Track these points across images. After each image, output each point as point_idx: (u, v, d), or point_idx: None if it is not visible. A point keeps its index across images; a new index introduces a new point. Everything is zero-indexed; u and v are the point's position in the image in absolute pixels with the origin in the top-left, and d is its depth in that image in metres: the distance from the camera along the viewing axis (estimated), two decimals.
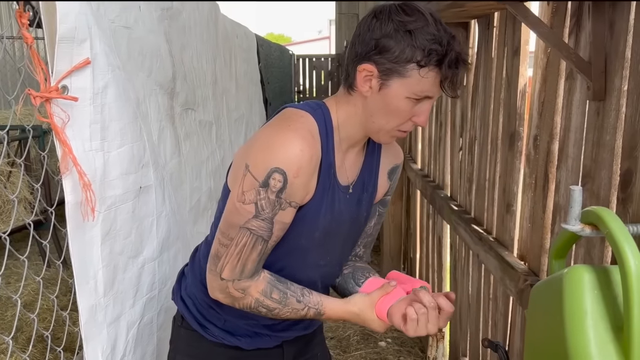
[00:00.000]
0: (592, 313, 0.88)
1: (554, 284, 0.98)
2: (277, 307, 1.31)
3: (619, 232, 0.86)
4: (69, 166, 1.30)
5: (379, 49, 1.19)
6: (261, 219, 1.22)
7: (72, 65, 1.29)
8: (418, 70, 1.17)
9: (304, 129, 1.24)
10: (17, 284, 4.31)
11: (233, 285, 1.27)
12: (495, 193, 2.24)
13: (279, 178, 1.19)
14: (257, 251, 1.25)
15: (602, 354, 0.84)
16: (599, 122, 1.43)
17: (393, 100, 1.21)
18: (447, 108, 2.98)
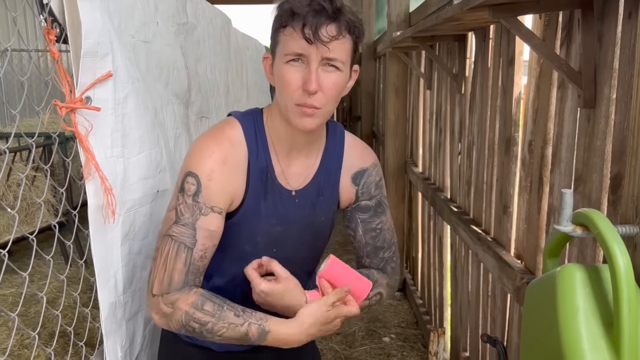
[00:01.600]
0: (584, 309, 0.88)
1: (548, 282, 0.99)
2: (210, 320, 1.17)
3: (608, 232, 0.87)
4: (91, 171, 1.32)
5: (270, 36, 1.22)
6: (181, 224, 1.19)
7: (95, 77, 1.31)
8: (282, 32, 1.16)
9: (222, 135, 1.25)
10: (40, 282, 4.33)
11: (163, 300, 1.18)
12: (492, 195, 2.25)
13: (192, 181, 1.19)
14: (182, 260, 1.18)
15: (593, 348, 0.85)
16: (590, 129, 1.44)
17: (277, 70, 1.19)
18: (447, 115, 2.99)
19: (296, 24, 1.13)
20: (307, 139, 1.30)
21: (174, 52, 2.01)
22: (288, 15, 1.14)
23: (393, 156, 4.24)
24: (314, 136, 1.31)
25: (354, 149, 1.40)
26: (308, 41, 1.12)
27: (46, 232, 4.18)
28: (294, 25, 1.13)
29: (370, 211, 1.41)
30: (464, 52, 2.62)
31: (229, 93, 3.10)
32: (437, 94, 3.22)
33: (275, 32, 1.19)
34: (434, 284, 3.46)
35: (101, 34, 1.31)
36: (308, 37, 1.12)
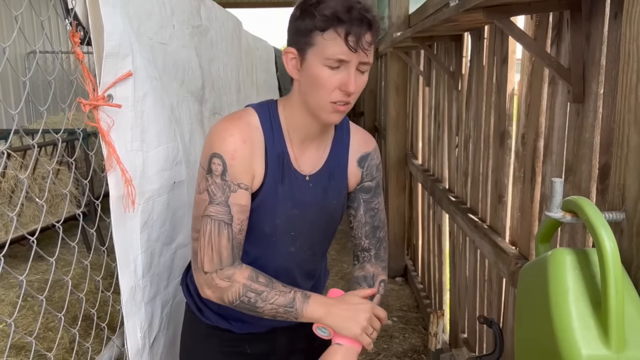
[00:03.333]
0: (574, 290, 0.89)
1: (539, 265, 0.99)
2: (265, 289, 1.22)
3: (595, 218, 0.87)
4: (113, 164, 1.33)
5: (292, 32, 1.21)
6: (216, 203, 1.20)
7: (117, 77, 1.32)
8: (321, 35, 1.15)
9: (240, 119, 1.26)
10: (63, 269, 4.36)
11: (217, 275, 1.22)
12: (488, 185, 2.25)
13: (218, 162, 1.20)
14: (225, 236, 1.21)
15: (583, 327, 0.85)
16: (579, 122, 1.45)
17: (312, 70, 1.18)
18: (445, 110, 2.99)
19: (340, 31, 1.14)
20: (322, 129, 1.32)
21: (189, 53, 2.02)
22: (331, 20, 1.14)
23: (394, 149, 4.24)
24: (327, 127, 1.33)
25: (358, 135, 1.43)
26: (352, 50, 1.14)
27: (69, 222, 4.21)
28: (338, 32, 1.14)
29: (371, 192, 1.45)
30: (461, 51, 2.62)
31: (240, 91, 3.11)
32: (436, 90, 3.22)
33: (308, 32, 1.17)
34: (433, 270, 3.48)
35: (122, 37, 1.33)
36: (352, 45, 1.14)
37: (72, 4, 1.22)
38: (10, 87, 6.75)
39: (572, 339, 0.84)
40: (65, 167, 4.69)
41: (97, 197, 1.43)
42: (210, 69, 2.36)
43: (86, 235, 4.39)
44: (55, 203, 4.79)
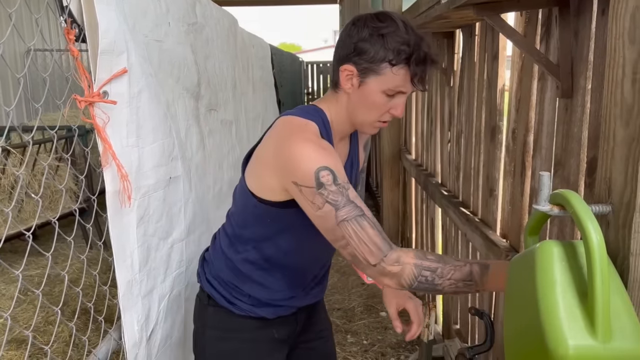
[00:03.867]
0: (561, 281, 0.88)
1: (528, 257, 0.99)
2: (438, 265, 1.17)
3: (582, 211, 0.87)
4: (109, 160, 1.33)
5: (357, 52, 1.23)
6: (342, 206, 1.17)
7: (112, 73, 1.32)
8: (390, 69, 1.20)
9: (314, 134, 1.26)
10: (63, 264, 4.36)
11: (385, 263, 1.17)
12: (479, 179, 2.26)
13: (326, 173, 1.18)
14: (368, 226, 1.18)
15: (569, 318, 0.85)
16: (568, 117, 1.45)
17: (371, 95, 1.24)
18: (437, 106, 2.99)
19: (410, 70, 1.21)
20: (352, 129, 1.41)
21: (184, 50, 2.01)
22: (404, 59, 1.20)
23: (388, 145, 4.24)
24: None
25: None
26: (414, 87, 1.24)
27: (69, 217, 4.20)
28: (408, 69, 1.21)
29: (364, 170, 1.58)
30: (452, 48, 2.62)
31: (236, 87, 3.10)
32: (428, 86, 3.22)
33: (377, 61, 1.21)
34: None
35: (117, 34, 1.32)
36: (417, 85, 1.23)
37: (66, 1, 1.21)
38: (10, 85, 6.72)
39: (559, 329, 0.83)
40: (64, 163, 4.68)
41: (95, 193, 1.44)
42: (206, 65, 2.35)
43: (85, 231, 4.39)
44: (55, 199, 4.78)
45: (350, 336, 3.27)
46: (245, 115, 3.41)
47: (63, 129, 4.48)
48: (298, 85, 10.24)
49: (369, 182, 6.99)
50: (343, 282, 4.07)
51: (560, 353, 0.82)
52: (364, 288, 3.96)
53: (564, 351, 0.82)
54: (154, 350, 1.58)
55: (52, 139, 4.31)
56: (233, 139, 2.93)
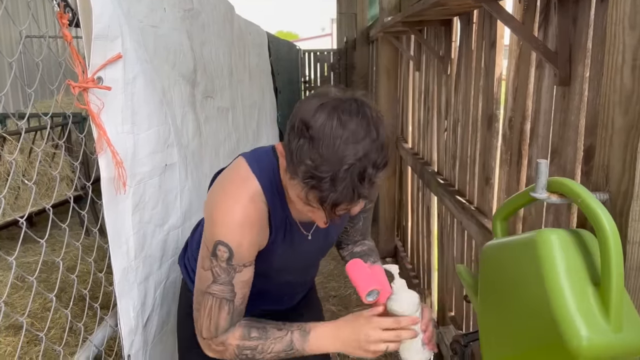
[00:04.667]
0: (567, 271, 0.86)
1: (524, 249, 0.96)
2: (258, 343, 1.19)
3: (591, 200, 0.84)
4: (103, 146, 1.31)
5: (293, 154, 1.00)
6: (219, 283, 1.15)
7: (106, 59, 1.30)
8: (313, 191, 0.99)
9: (242, 194, 1.15)
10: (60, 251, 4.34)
11: (213, 342, 1.20)
12: (475, 168, 2.25)
13: (223, 250, 1.13)
14: (225, 311, 1.18)
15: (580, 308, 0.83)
16: (565, 105, 1.43)
17: (292, 191, 1.07)
18: (434, 94, 2.97)
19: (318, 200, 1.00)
20: None
21: (180, 36, 1.99)
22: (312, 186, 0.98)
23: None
24: None
25: None
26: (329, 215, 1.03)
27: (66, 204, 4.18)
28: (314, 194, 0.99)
29: (370, 209, 1.45)
30: (450, 35, 2.59)
31: (232, 74, 3.08)
32: (425, 75, 3.20)
33: (294, 168, 1.00)
34: (422, 251, 3.48)
35: (111, 18, 1.30)
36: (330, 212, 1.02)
37: None
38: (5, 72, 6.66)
39: (571, 320, 0.81)
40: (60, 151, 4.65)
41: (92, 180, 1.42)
42: (202, 52, 2.33)
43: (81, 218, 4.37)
44: (52, 186, 4.76)
45: None
46: (241, 103, 3.39)
47: (59, 116, 4.45)
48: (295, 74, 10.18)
49: None
50: (339, 270, 4.07)
51: (574, 344, 0.80)
52: None
53: (578, 342, 0.80)
54: (150, 336, 1.58)
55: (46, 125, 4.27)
56: (229, 126, 2.91)
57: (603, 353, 0.81)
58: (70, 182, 4.69)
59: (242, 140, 3.33)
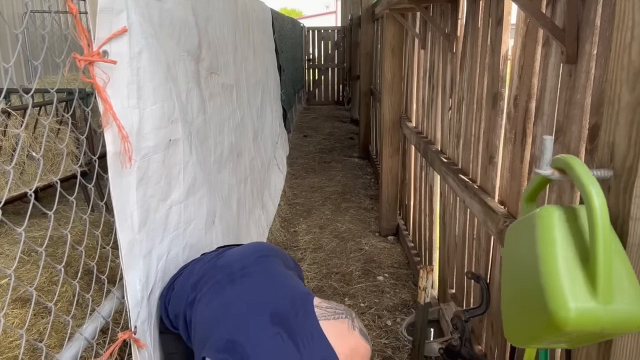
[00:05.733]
0: (562, 245, 0.88)
1: (528, 222, 0.99)
2: None
3: (584, 175, 0.86)
4: (109, 120, 1.31)
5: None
6: None
7: (111, 32, 1.29)
8: None
9: None
10: (66, 226, 4.36)
11: None
12: (479, 147, 2.24)
13: None
14: None
15: (571, 280, 0.84)
16: (571, 83, 1.42)
17: None
18: (439, 73, 2.95)
19: None
20: None
21: (185, 11, 1.97)
22: None
23: (389, 112, 4.21)
24: None
25: None
26: None
27: (71, 180, 4.20)
28: None
29: None
30: (456, 13, 2.57)
31: (237, 51, 3.06)
32: (431, 53, 3.17)
33: None
34: (424, 229, 3.49)
35: None
36: None
37: None
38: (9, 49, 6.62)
39: (560, 292, 0.83)
40: (65, 126, 4.64)
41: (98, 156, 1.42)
42: (206, 27, 2.31)
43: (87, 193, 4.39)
44: (57, 162, 4.76)
45: (347, 299, 3.31)
46: (246, 80, 3.37)
47: (63, 92, 4.44)
48: (299, 52, 10.11)
49: (369, 148, 6.98)
50: (342, 247, 4.09)
51: (562, 315, 0.82)
52: (362, 253, 3.99)
53: (565, 313, 0.82)
54: (154, 309, 1.59)
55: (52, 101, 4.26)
56: (234, 103, 2.90)
57: (590, 324, 0.82)
58: (75, 158, 4.70)
59: (247, 117, 3.32)
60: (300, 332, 1.25)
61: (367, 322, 3.05)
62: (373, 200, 5.26)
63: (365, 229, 4.50)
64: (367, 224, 4.64)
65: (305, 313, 1.29)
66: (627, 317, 0.82)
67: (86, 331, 1.32)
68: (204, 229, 1.98)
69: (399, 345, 2.82)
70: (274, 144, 4.87)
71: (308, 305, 1.32)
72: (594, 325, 0.82)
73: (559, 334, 0.86)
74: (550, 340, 0.93)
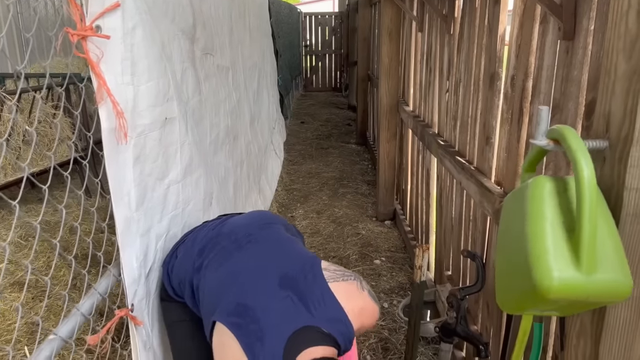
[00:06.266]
0: (551, 216, 0.88)
1: (520, 192, 0.99)
2: None
3: (576, 145, 0.86)
4: (103, 96, 1.30)
5: None
6: None
7: (104, 7, 1.27)
8: None
9: None
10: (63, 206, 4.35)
11: None
12: (476, 128, 2.24)
13: None
14: None
15: (556, 250, 0.85)
16: (568, 60, 1.42)
17: None
18: (436, 55, 2.94)
19: None
20: None
21: None
22: None
23: (386, 96, 4.19)
24: None
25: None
26: None
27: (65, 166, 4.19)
28: None
29: None
30: None
31: (233, 33, 3.03)
32: (428, 35, 3.16)
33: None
34: (421, 212, 3.50)
35: None
36: None
37: None
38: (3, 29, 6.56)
39: (545, 261, 0.84)
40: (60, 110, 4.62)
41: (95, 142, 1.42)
42: (201, 7, 2.29)
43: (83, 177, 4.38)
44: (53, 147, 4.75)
45: None
46: (242, 63, 3.35)
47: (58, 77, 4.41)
48: (295, 37, 10.05)
49: (366, 134, 6.96)
50: (339, 232, 4.10)
51: (545, 284, 0.83)
52: (359, 237, 4.00)
53: (549, 282, 0.83)
54: (152, 288, 1.60)
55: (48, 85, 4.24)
56: (230, 85, 2.89)
57: (574, 293, 0.83)
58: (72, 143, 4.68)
59: (243, 100, 3.30)
60: (310, 295, 1.26)
61: None
62: (370, 185, 5.26)
63: (362, 214, 4.51)
64: (364, 209, 4.64)
65: (314, 276, 1.30)
66: (611, 286, 0.83)
67: (83, 307, 1.32)
68: (202, 210, 1.98)
69: (395, 326, 2.83)
70: (270, 129, 4.85)
71: (316, 268, 1.33)
72: (578, 294, 0.83)
73: (545, 302, 0.86)
74: (540, 308, 0.94)
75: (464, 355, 2.43)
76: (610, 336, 0.95)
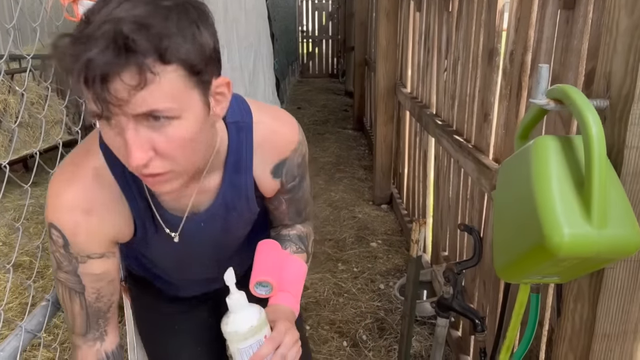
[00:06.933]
0: (557, 173, 0.87)
1: (523, 154, 0.97)
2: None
3: (582, 102, 0.85)
4: None
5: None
6: (64, 271, 0.97)
7: None
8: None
9: (82, 171, 0.94)
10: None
11: (72, 336, 1.04)
12: (474, 106, 2.23)
13: (57, 234, 0.93)
14: (77, 304, 1.00)
15: (565, 206, 0.84)
16: (568, 30, 1.40)
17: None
18: (434, 34, 2.92)
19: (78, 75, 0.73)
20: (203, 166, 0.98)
21: None
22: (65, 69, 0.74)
23: (384, 79, 4.17)
24: (200, 164, 0.92)
25: (267, 144, 1.06)
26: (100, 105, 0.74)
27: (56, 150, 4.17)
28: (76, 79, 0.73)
29: (294, 189, 1.18)
30: None
31: (227, 11, 3.01)
32: (427, 14, 3.14)
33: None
34: (418, 195, 3.50)
35: None
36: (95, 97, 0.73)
37: None
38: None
39: (555, 217, 0.83)
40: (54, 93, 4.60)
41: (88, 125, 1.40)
42: None
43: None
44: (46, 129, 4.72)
45: (341, 264, 3.32)
46: (237, 43, 3.32)
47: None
48: (292, 22, 9.99)
49: (363, 120, 6.95)
50: (335, 215, 4.10)
51: (556, 241, 0.82)
52: (355, 221, 4.00)
53: (560, 239, 0.81)
54: None
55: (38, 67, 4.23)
56: (224, 63, 2.86)
57: (585, 249, 0.82)
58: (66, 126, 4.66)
59: (238, 80, 3.28)
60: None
61: (360, 285, 3.06)
62: (367, 170, 5.25)
63: (358, 198, 4.51)
64: (361, 193, 4.64)
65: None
66: (622, 241, 0.82)
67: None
68: None
69: (391, 307, 2.84)
70: None
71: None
72: (589, 250, 0.82)
73: (553, 261, 0.85)
74: (543, 272, 0.93)
75: (460, 334, 2.43)
76: (607, 299, 0.94)
